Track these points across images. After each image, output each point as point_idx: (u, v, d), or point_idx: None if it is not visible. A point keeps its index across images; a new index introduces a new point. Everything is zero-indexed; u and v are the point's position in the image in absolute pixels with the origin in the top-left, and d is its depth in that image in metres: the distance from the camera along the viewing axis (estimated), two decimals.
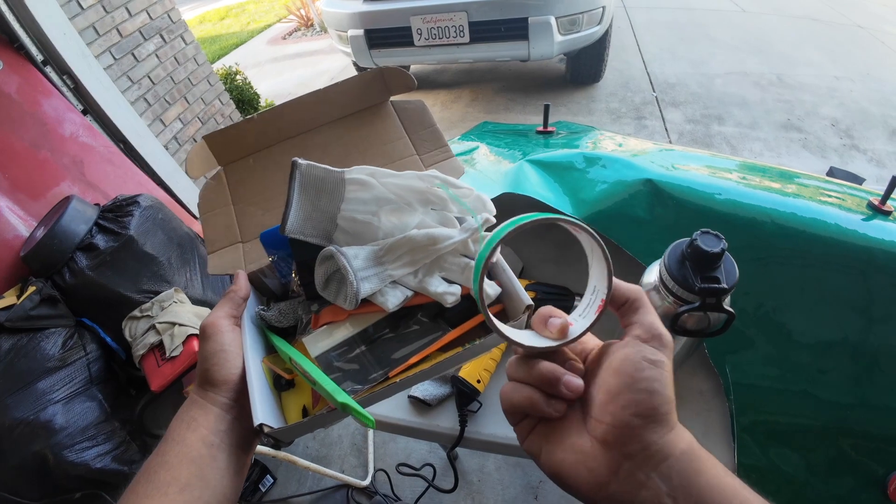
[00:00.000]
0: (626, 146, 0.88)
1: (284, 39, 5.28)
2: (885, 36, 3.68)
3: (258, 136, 0.55)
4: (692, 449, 0.24)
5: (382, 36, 2.68)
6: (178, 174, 1.97)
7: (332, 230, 0.44)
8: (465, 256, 0.43)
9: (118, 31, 2.02)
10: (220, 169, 0.54)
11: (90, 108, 1.73)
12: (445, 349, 0.41)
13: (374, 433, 1.38)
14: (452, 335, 0.41)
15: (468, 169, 0.86)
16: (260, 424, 0.33)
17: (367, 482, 1.26)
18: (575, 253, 0.81)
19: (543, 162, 0.73)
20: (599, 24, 2.53)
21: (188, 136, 2.42)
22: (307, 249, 0.43)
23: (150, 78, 2.19)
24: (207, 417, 0.34)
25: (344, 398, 0.33)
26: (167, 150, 2.17)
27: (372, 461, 1.32)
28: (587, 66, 2.96)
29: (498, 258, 0.43)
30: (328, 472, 1.23)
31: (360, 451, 1.37)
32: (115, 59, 2.00)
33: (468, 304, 0.42)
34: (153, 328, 1.19)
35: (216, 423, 0.34)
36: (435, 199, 0.44)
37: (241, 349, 0.38)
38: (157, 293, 1.27)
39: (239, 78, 3.09)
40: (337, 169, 0.43)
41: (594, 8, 2.45)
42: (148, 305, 1.23)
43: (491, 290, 0.41)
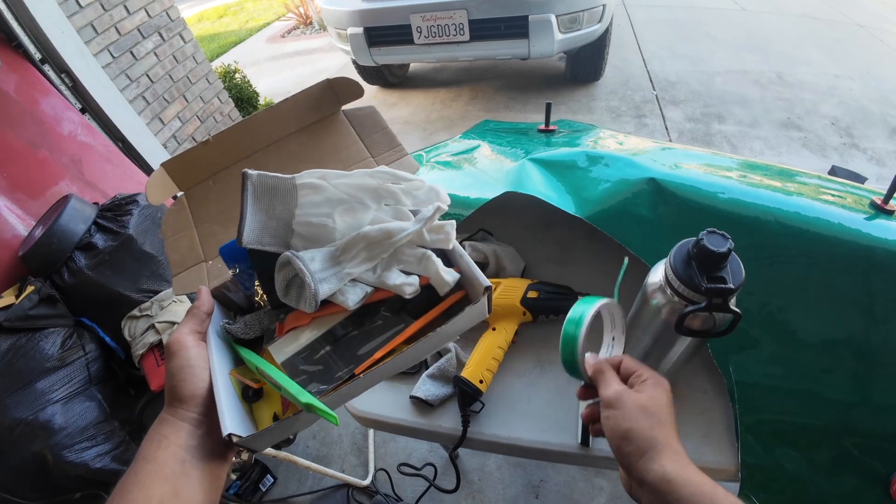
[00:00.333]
0: (627, 145, 0.87)
1: (283, 38, 5.26)
2: (884, 34, 3.68)
3: (216, 158, 0.56)
4: (665, 480, 0.33)
5: (382, 34, 2.67)
6: None
7: (288, 237, 0.44)
8: (421, 247, 0.43)
9: (116, 29, 2.00)
10: (181, 194, 0.55)
11: (88, 106, 1.72)
12: (410, 341, 0.42)
13: (374, 433, 1.38)
14: (415, 326, 0.42)
15: (469, 167, 0.85)
16: (229, 434, 0.33)
17: (367, 482, 1.26)
18: (577, 253, 0.81)
19: (546, 160, 0.73)
20: (600, 22, 2.52)
21: (187, 134, 2.41)
22: (266, 258, 0.43)
23: (148, 76, 2.18)
24: (178, 434, 0.34)
25: (307, 398, 0.34)
26: (166, 148, 2.17)
27: (372, 461, 1.32)
28: (587, 64, 2.96)
29: (455, 245, 0.44)
30: (328, 471, 1.23)
31: (360, 450, 1.36)
32: (113, 57, 1.99)
33: (429, 293, 0.43)
34: (152, 327, 1.19)
35: (187, 439, 0.34)
36: (387, 194, 0.44)
37: (207, 363, 0.38)
38: (156, 292, 1.27)
39: (238, 76, 3.08)
40: (287, 175, 0.44)
41: (594, 6, 2.44)
42: (147, 305, 1.23)
43: (449, 277, 0.42)
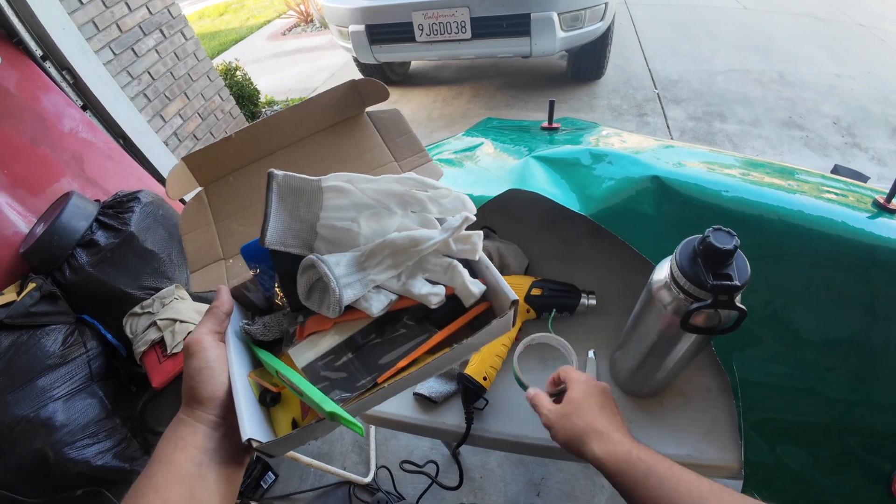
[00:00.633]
0: (630, 143, 0.87)
1: (284, 35, 5.25)
2: (885, 34, 3.67)
3: (237, 154, 0.55)
4: (596, 460, 0.43)
5: (383, 31, 2.67)
6: None
7: (312, 239, 0.43)
8: (447, 256, 0.42)
9: (118, 26, 2.00)
10: (200, 189, 0.54)
11: (90, 103, 1.72)
12: (433, 351, 0.41)
13: (376, 430, 1.38)
14: (439, 337, 0.41)
15: (472, 165, 0.85)
16: (248, 439, 0.32)
17: (369, 479, 1.26)
18: (581, 251, 0.81)
19: (549, 158, 0.73)
20: (602, 20, 2.51)
21: (188, 131, 2.41)
22: (288, 260, 0.42)
23: (149, 73, 2.18)
24: (195, 436, 0.34)
25: (332, 407, 0.33)
26: (167, 145, 2.16)
27: (374, 458, 1.32)
28: (589, 62, 2.95)
29: (481, 256, 0.43)
30: (330, 468, 1.23)
31: (361, 447, 1.37)
32: (114, 54, 1.98)
33: (453, 304, 0.42)
34: (154, 325, 1.19)
35: (204, 441, 0.34)
36: (413, 201, 0.43)
37: (226, 365, 0.38)
38: (157, 290, 1.27)
39: (239, 74, 3.08)
40: (314, 177, 0.43)
41: (597, 4, 2.43)
42: (149, 302, 1.23)
43: (476, 288, 0.41)
